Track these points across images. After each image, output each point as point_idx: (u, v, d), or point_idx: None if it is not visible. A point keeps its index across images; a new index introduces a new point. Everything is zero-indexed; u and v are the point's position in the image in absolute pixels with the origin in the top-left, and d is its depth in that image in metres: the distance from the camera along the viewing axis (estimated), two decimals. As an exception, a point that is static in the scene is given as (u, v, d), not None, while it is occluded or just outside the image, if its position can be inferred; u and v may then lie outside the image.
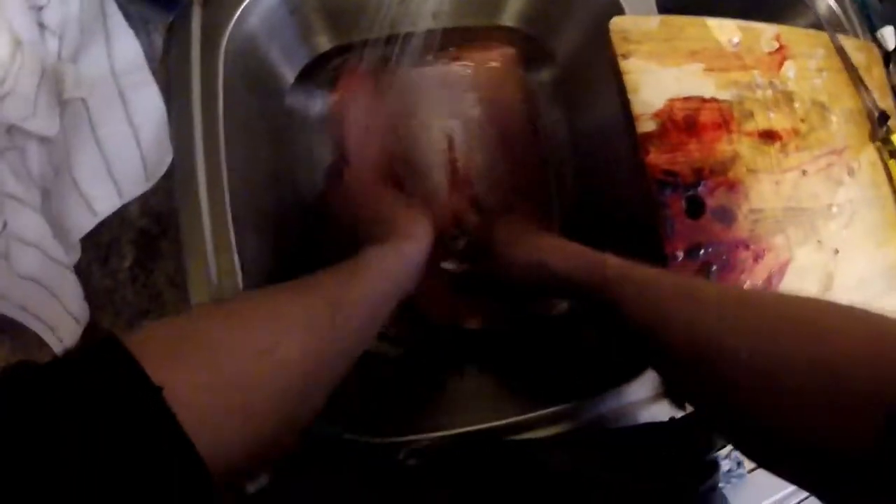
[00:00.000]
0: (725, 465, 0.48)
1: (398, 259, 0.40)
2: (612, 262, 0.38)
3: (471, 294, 0.55)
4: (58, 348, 0.41)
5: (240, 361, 0.25)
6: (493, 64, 0.56)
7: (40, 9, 0.43)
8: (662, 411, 0.47)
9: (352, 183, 0.51)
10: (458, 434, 0.43)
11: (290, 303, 0.30)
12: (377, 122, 0.54)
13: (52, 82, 0.42)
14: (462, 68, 0.56)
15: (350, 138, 0.54)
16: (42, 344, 0.42)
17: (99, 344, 0.22)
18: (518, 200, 0.56)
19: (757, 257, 0.48)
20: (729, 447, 0.45)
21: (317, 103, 0.56)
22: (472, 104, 0.57)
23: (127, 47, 0.44)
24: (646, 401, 0.47)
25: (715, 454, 0.43)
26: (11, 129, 0.42)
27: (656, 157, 0.45)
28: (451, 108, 0.57)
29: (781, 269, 0.49)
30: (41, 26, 0.43)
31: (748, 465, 0.49)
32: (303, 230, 0.50)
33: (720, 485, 0.43)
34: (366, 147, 0.54)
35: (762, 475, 0.45)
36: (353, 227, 0.47)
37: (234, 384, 0.24)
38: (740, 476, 0.47)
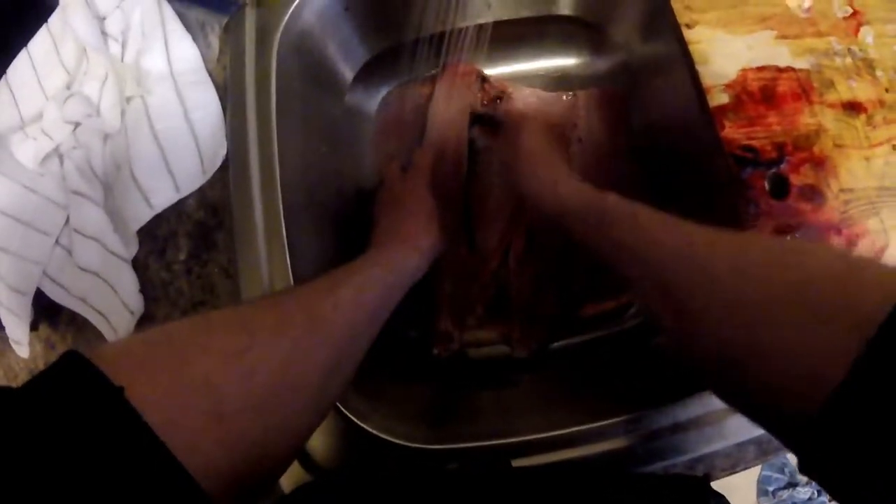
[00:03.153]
0: (805, 493, 0.42)
1: (390, 268, 0.38)
2: (613, 197, 0.37)
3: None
4: (112, 339, 0.41)
5: (206, 363, 0.24)
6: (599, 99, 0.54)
7: (103, 19, 0.45)
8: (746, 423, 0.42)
9: (393, 182, 0.50)
10: (494, 445, 0.40)
11: (263, 311, 0.29)
12: (458, 128, 0.53)
13: (115, 84, 0.44)
14: (567, 97, 0.55)
15: (428, 133, 0.52)
16: (102, 339, 0.42)
17: (60, 358, 0.21)
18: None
19: (851, 243, 0.43)
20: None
21: (378, 100, 0.55)
22: (571, 133, 0.54)
23: (184, 49, 0.46)
24: (729, 409, 0.42)
25: None
26: (77, 129, 0.43)
27: (733, 132, 0.41)
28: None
29: (878, 256, 0.44)
30: (104, 34, 0.45)
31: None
32: (357, 226, 0.49)
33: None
34: (439, 146, 0.52)
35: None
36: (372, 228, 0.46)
37: (202, 385, 0.23)
38: None
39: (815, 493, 0.47)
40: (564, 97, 0.55)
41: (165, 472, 0.20)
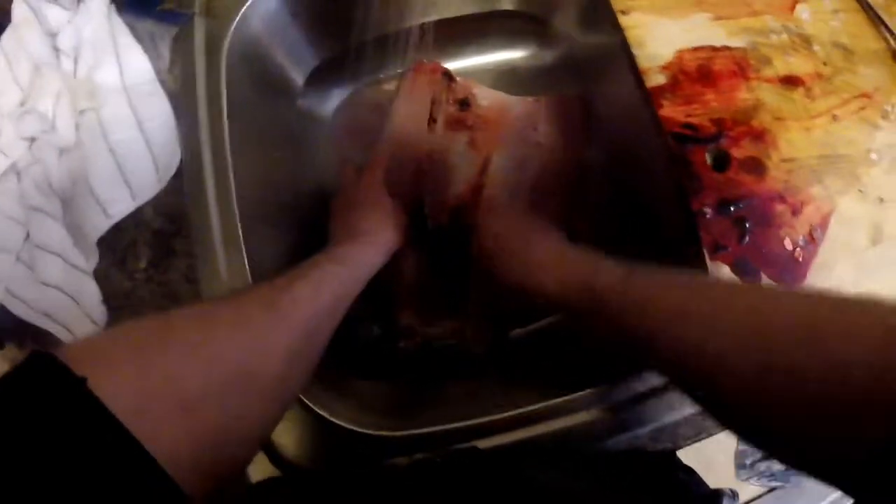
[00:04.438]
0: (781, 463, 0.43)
1: (345, 263, 0.39)
2: (603, 277, 0.35)
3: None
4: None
5: (168, 355, 0.25)
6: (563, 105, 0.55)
7: (55, 35, 0.46)
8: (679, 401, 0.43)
9: (349, 183, 0.50)
10: (461, 427, 0.41)
11: (222, 307, 0.30)
12: (420, 125, 0.53)
13: (69, 98, 0.44)
14: (532, 101, 0.55)
15: (388, 130, 0.53)
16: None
17: (26, 357, 0.22)
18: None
19: (795, 210, 0.45)
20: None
21: (331, 104, 0.56)
22: (531, 136, 0.55)
23: (136, 61, 0.47)
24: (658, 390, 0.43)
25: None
26: (33, 145, 0.44)
27: (671, 111, 0.43)
28: (507, 134, 0.55)
29: (824, 222, 0.45)
30: (56, 50, 0.45)
31: None
32: (314, 227, 0.49)
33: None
34: (398, 142, 0.52)
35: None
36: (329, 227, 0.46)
37: (164, 375, 0.24)
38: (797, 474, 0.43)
39: None
40: (527, 101, 0.56)
41: (132, 461, 0.21)
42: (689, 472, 0.43)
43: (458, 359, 0.50)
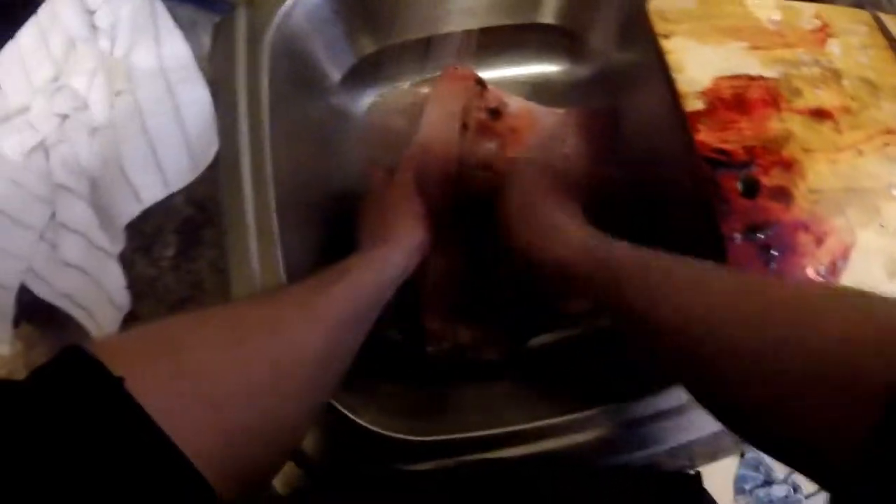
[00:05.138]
0: (781, 491, 0.44)
1: (377, 268, 0.39)
2: (617, 248, 0.37)
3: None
4: (97, 335, 0.41)
5: (203, 354, 0.25)
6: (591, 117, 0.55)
7: (93, 12, 0.45)
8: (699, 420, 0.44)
9: (378, 185, 0.50)
10: (481, 436, 0.41)
11: (257, 307, 0.30)
12: (450, 130, 0.53)
13: (104, 77, 0.44)
14: (562, 113, 0.55)
15: (419, 133, 0.53)
16: (86, 334, 0.42)
17: (61, 351, 0.22)
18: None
19: (819, 241, 0.46)
20: (785, 472, 0.42)
21: (364, 102, 0.56)
22: (559, 147, 0.55)
23: (175, 46, 0.46)
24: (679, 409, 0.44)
25: None
26: (64, 122, 0.43)
27: (707, 136, 0.44)
28: (536, 144, 0.55)
29: (845, 253, 0.46)
30: (94, 27, 0.45)
31: (806, 489, 0.45)
32: (343, 225, 0.49)
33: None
34: (429, 145, 0.52)
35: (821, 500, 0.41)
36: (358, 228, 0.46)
37: (199, 375, 0.24)
38: (797, 502, 0.44)
39: (792, 490, 0.49)
40: (557, 112, 0.56)
41: (167, 461, 0.20)
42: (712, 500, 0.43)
43: (480, 365, 0.51)
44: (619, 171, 0.54)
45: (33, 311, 0.43)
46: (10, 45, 0.43)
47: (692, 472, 0.44)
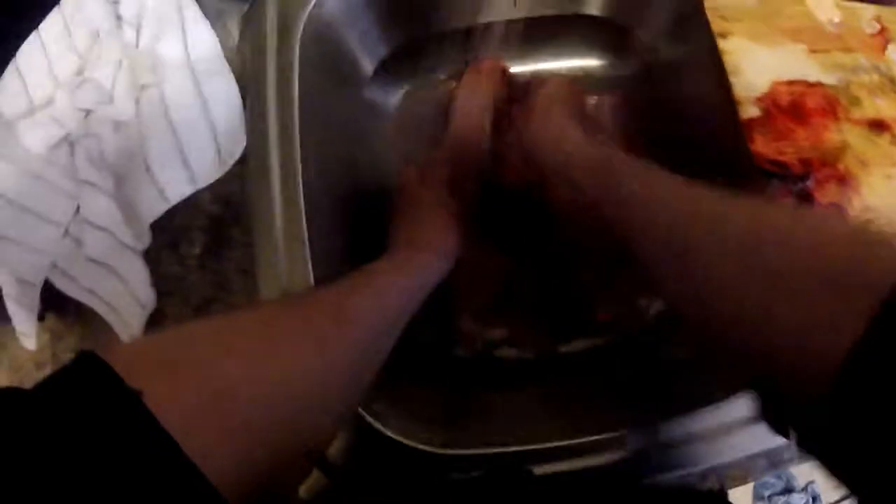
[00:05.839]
0: (801, 499, 0.43)
1: (410, 273, 0.38)
2: (623, 154, 0.37)
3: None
4: (123, 334, 0.40)
5: (229, 368, 0.23)
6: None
7: (117, 2, 0.43)
8: (758, 435, 0.42)
9: (410, 184, 0.49)
10: (511, 452, 0.40)
11: (286, 314, 0.29)
12: (479, 126, 0.51)
13: (129, 70, 0.42)
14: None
15: (449, 132, 0.51)
16: (110, 331, 0.41)
17: (75, 359, 0.21)
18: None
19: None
20: (805, 480, 0.40)
21: (397, 96, 0.54)
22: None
23: (202, 37, 0.44)
24: (741, 422, 0.43)
25: None
26: (88, 116, 0.42)
27: (763, 146, 0.41)
28: None
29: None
30: (118, 18, 0.43)
31: (826, 499, 0.43)
32: (374, 222, 0.48)
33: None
34: (459, 145, 0.50)
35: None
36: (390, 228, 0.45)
37: (224, 390, 0.22)
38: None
39: (811, 499, 0.48)
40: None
41: (184, 480, 0.19)
42: None
43: (508, 369, 0.50)
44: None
45: (60, 302, 0.43)
46: (34, 39, 0.42)
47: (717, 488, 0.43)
